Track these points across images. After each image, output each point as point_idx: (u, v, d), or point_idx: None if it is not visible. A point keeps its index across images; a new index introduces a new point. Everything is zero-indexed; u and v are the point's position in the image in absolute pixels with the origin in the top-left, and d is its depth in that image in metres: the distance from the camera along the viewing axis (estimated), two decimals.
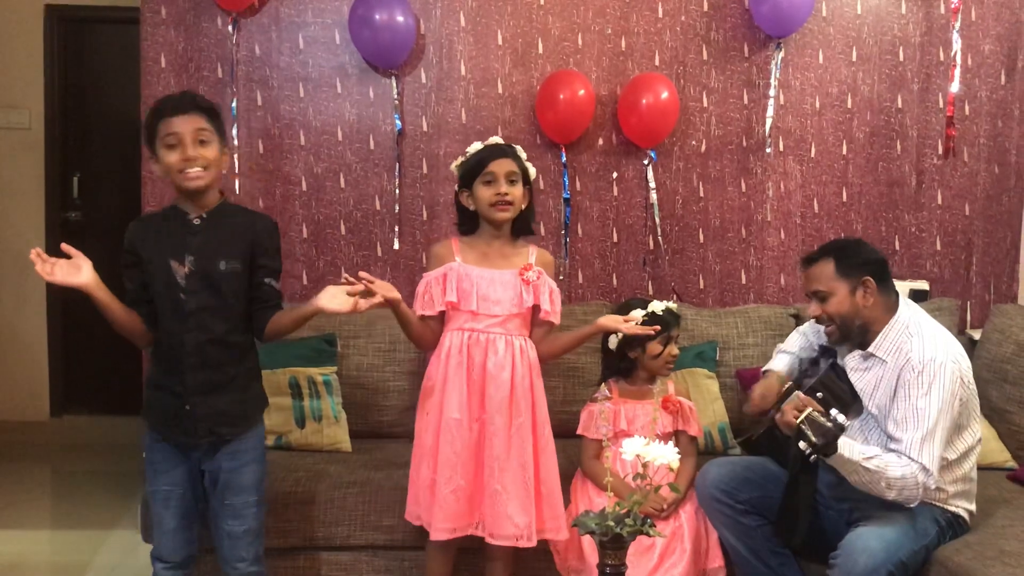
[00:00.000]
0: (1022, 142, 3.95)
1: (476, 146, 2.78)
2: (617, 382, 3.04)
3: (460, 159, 2.81)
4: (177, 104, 2.47)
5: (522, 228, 2.81)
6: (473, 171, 2.73)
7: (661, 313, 2.93)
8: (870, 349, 2.69)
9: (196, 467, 2.58)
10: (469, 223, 2.82)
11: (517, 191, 2.72)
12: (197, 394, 2.49)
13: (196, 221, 2.50)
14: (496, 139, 2.81)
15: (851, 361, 2.77)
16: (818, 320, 2.76)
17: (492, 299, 2.71)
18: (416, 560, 2.94)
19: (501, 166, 2.70)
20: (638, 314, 2.87)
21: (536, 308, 2.76)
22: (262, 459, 2.63)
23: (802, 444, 2.40)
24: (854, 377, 2.74)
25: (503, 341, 2.70)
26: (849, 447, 2.47)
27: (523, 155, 2.78)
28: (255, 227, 2.57)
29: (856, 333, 2.70)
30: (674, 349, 2.98)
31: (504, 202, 2.70)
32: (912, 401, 2.56)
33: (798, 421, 2.41)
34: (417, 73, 3.78)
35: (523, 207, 2.77)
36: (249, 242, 2.53)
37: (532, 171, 2.80)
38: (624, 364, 3.02)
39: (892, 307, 2.71)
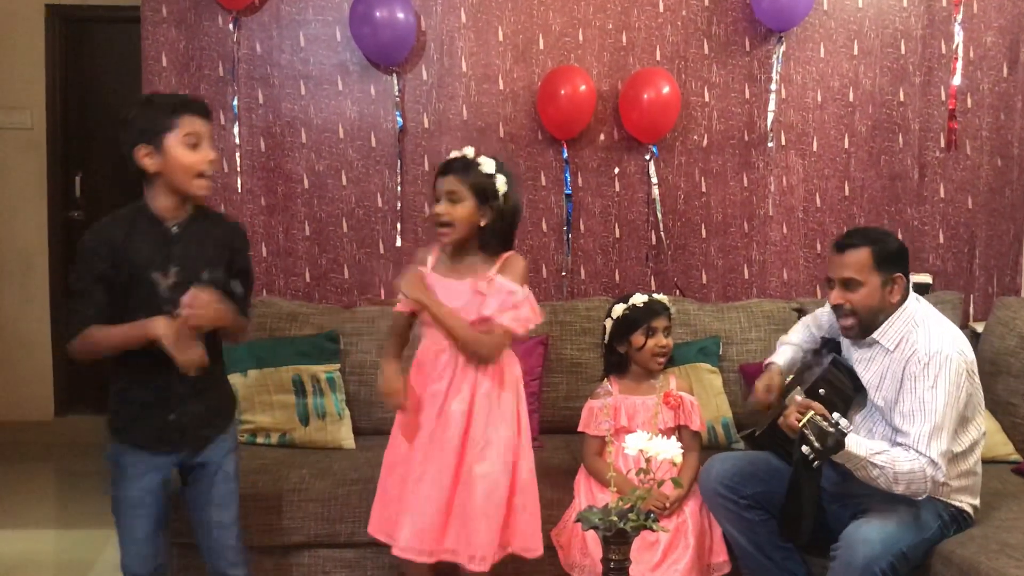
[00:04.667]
0: None
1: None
2: (619, 378, 3.03)
3: None
4: (200, 106, 2.40)
5: (486, 244, 2.61)
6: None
7: (640, 305, 2.95)
8: (874, 336, 2.68)
9: (168, 472, 2.51)
10: None
11: (458, 211, 2.55)
12: (184, 401, 2.44)
13: (175, 229, 2.40)
14: (457, 153, 2.65)
15: (855, 352, 2.76)
16: (837, 309, 2.69)
17: None
18: None
19: (441, 185, 2.59)
20: (611, 315, 2.95)
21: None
22: (238, 447, 2.63)
23: (805, 448, 2.39)
24: (859, 369, 2.73)
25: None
26: (856, 443, 2.47)
27: (486, 168, 2.58)
28: (230, 234, 2.50)
29: (875, 327, 2.67)
30: (661, 340, 2.96)
31: (440, 223, 2.59)
32: (919, 394, 2.54)
33: (800, 425, 2.41)
34: (418, 70, 3.78)
35: (482, 223, 2.57)
36: (228, 250, 2.47)
37: (499, 184, 2.57)
38: (614, 358, 3.02)
39: (904, 297, 2.70)
